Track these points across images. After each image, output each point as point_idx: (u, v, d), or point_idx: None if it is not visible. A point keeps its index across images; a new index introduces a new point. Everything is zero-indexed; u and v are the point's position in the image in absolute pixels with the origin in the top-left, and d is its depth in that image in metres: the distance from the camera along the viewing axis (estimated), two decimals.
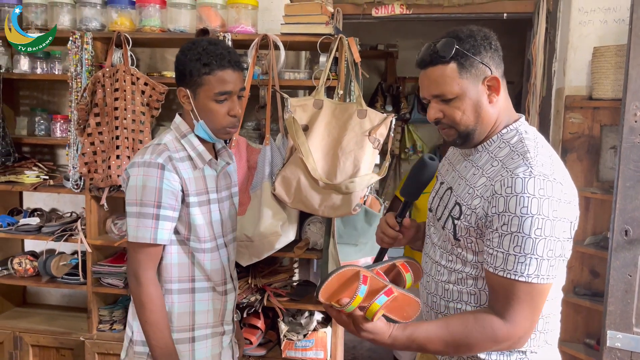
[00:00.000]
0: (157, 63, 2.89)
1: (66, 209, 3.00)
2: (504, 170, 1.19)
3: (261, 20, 2.60)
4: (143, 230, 1.47)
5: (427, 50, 1.26)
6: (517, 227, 1.12)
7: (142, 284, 1.49)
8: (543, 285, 1.15)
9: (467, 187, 1.27)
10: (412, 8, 2.75)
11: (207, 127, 1.54)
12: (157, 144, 1.54)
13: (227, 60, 1.49)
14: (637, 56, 1.97)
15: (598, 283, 2.46)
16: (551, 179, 1.14)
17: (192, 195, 1.53)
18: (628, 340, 2.00)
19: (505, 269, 1.14)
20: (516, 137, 1.26)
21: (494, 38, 1.27)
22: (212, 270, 1.60)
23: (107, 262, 2.68)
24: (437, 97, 1.25)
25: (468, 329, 1.17)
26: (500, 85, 1.24)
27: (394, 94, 4.91)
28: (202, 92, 1.50)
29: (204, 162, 1.57)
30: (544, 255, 1.12)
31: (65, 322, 2.78)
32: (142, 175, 1.47)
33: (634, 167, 1.98)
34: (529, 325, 1.17)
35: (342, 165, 2.13)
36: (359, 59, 2.30)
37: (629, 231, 1.99)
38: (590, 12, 2.47)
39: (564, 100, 2.53)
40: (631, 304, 2.00)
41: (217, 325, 1.65)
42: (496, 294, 1.18)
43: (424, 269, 1.41)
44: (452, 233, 1.27)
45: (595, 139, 2.49)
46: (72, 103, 2.53)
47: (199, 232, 1.55)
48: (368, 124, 2.15)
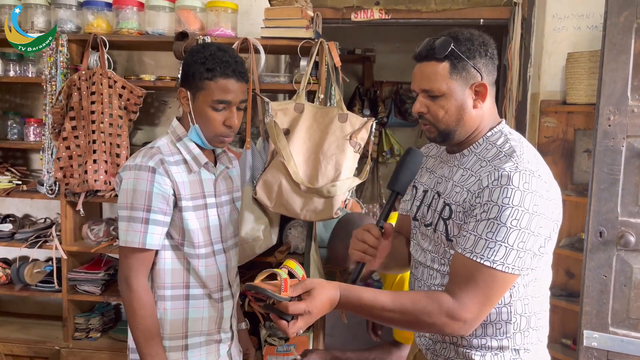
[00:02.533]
0: (135, 66, 2.84)
1: (40, 214, 2.93)
2: (491, 166, 1.22)
3: (241, 23, 2.59)
4: (132, 234, 1.46)
5: (426, 45, 1.28)
6: (495, 215, 1.15)
7: (133, 289, 1.47)
8: (505, 274, 1.16)
9: (455, 187, 1.29)
10: (391, 13, 2.77)
11: (200, 132, 1.52)
12: (150, 147, 1.53)
13: (232, 69, 1.46)
14: (610, 62, 2.02)
15: (573, 283, 2.51)
16: (536, 175, 1.18)
17: (186, 199, 1.51)
18: (604, 339, 2.05)
19: (473, 251, 1.16)
20: (502, 138, 1.29)
21: (492, 46, 1.29)
22: (207, 276, 1.57)
23: (83, 268, 2.63)
24: (425, 92, 1.28)
25: (417, 297, 1.19)
26: (488, 93, 1.27)
27: (371, 98, 4.93)
28: (202, 97, 1.48)
29: (199, 165, 1.55)
30: (514, 245, 1.14)
31: (40, 331, 2.72)
32: (133, 178, 1.46)
33: (608, 170, 2.03)
34: (477, 310, 1.16)
35: (323, 169, 2.13)
36: (339, 63, 2.31)
37: (604, 232, 2.04)
38: (564, 18, 2.53)
39: (539, 105, 2.58)
40: (607, 304, 2.04)
41: (212, 333, 1.61)
42: (456, 276, 1.19)
43: (414, 275, 1.41)
44: (444, 234, 1.28)
45: (569, 143, 2.55)
46: (47, 106, 2.48)
47: (192, 237, 1.53)
48: (349, 127, 2.16)
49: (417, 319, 1.17)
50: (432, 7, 2.76)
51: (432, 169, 1.44)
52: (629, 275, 2.00)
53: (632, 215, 2.00)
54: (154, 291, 1.54)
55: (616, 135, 2.01)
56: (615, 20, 2.01)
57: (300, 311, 1.11)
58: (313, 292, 1.13)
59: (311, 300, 1.12)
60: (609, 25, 2.02)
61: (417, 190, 1.46)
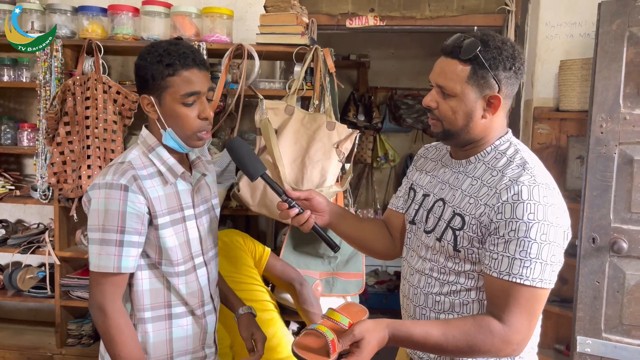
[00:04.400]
0: (129, 72, 2.84)
1: (33, 220, 2.91)
2: (506, 178, 1.21)
3: (236, 29, 2.60)
4: (106, 258, 1.33)
5: (455, 41, 1.25)
6: (524, 233, 1.14)
7: (110, 316, 1.35)
8: (544, 290, 1.17)
9: (467, 198, 1.27)
10: (386, 20, 2.79)
11: (176, 135, 1.40)
12: (120, 162, 1.39)
13: (192, 59, 1.36)
14: (602, 69, 2.05)
15: (567, 289, 2.53)
16: (551, 188, 1.19)
17: (162, 216, 1.40)
18: (597, 345, 2.06)
19: (510, 272, 1.16)
20: (511, 148, 1.28)
21: (520, 60, 1.25)
22: (188, 294, 1.47)
23: (77, 274, 2.61)
24: (440, 87, 1.26)
25: (467, 327, 1.18)
26: (501, 106, 1.24)
27: (366, 104, 4.95)
28: (168, 96, 1.36)
29: (175, 176, 1.44)
30: (547, 260, 1.15)
31: (33, 337, 2.70)
32: (104, 197, 1.33)
33: (601, 177, 2.05)
34: (527, 330, 1.17)
35: (309, 174, 2.13)
36: (333, 69, 2.32)
37: (596, 239, 2.05)
38: (556, 26, 2.55)
39: (532, 112, 2.60)
40: (600, 310, 2.06)
41: (197, 351, 1.52)
42: (496, 299, 1.19)
43: (409, 282, 1.40)
44: (452, 244, 1.26)
45: (562, 149, 2.57)
46: (41, 112, 2.47)
47: (170, 255, 1.42)
48: (336, 136, 2.17)
49: (472, 349, 1.17)
50: (426, 14, 2.78)
51: (432, 172, 1.42)
52: (621, 281, 2.02)
53: (625, 222, 2.02)
54: (134, 314, 1.43)
55: (608, 142, 2.03)
56: (608, 29, 2.03)
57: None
58: (362, 343, 1.13)
59: (359, 354, 1.12)
60: (601, 33, 2.05)
61: (416, 194, 1.44)
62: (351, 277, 2.23)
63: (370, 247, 1.58)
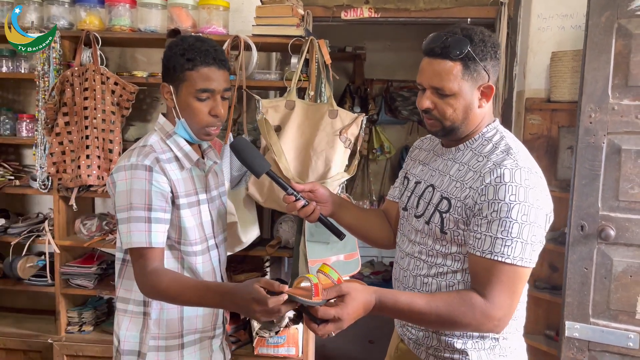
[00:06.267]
0: (127, 63, 2.87)
1: (32, 209, 2.95)
2: (490, 163, 1.27)
3: (232, 21, 2.62)
4: (137, 234, 1.41)
5: (438, 42, 1.28)
6: (505, 213, 1.20)
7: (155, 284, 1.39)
8: (524, 269, 1.22)
9: (453, 182, 1.32)
10: (381, 12, 2.82)
11: (187, 126, 1.49)
12: (142, 145, 1.48)
13: (212, 57, 1.44)
14: (592, 61, 2.08)
15: (557, 277, 2.58)
16: (533, 172, 1.24)
17: (182, 197, 1.49)
18: (585, 330, 2.11)
19: (492, 251, 1.21)
20: (497, 135, 1.34)
21: (500, 47, 1.33)
22: (204, 273, 1.55)
23: (76, 263, 2.66)
24: (435, 89, 1.29)
25: (450, 299, 1.23)
26: (492, 93, 1.31)
27: (361, 96, 4.98)
28: (185, 89, 1.46)
29: (191, 162, 1.53)
30: (528, 240, 1.20)
31: (33, 325, 2.74)
32: (130, 179, 1.42)
33: (589, 166, 2.09)
34: (508, 307, 1.22)
35: (314, 165, 2.18)
36: (329, 61, 2.35)
37: (585, 226, 2.10)
38: (548, 18, 2.59)
39: (524, 103, 2.64)
40: (588, 296, 2.11)
41: (207, 330, 1.60)
42: (479, 277, 1.24)
43: (400, 265, 1.45)
44: (439, 227, 1.32)
45: (553, 140, 2.61)
46: (40, 102, 2.50)
47: (189, 234, 1.50)
48: (339, 123, 2.20)
49: (454, 321, 1.22)
50: (420, 5, 2.82)
51: (425, 162, 1.48)
52: (609, 267, 2.07)
53: (612, 210, 2.06)
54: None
55: (597, 132, 2.08)
56: (597, 21, 2.07)
57: (329, 317, 1.15)
58: (346, 298, 1.17)
59: (342, 307, 1.16)
60: (590, 25, 2.09)
61: (409, 182, 1.50)
62: (349, 258, 2.30)
63: (371, 235, 1.64)
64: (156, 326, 1.51)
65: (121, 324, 1.54)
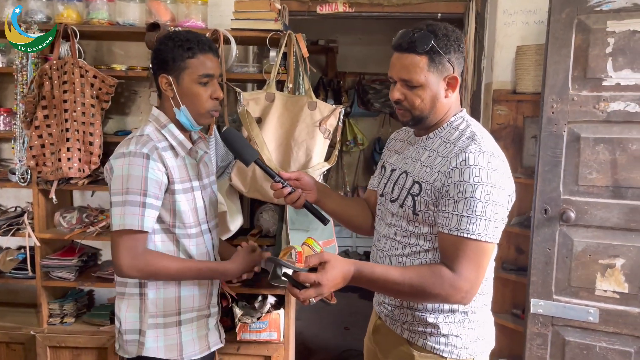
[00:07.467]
0: (104, 56, 2.88)
1: (9, 203, 2.94)
2: (456, 148, 1.38)
3: (211, 15, 2.67)
4: (130, 217, 1.49)
5: (405, 37, 1.39)
6: (470, 193, 1.31)
7: (141, 263, 1.51)
8: (488, 244, 1.33)
9: (424, 167, 1.44)
10: (355, 6, 2.91)
11: (189, 113, 1.60)
12: (139, 135, 1.58)
13: (208, 46, 1.59)
14: (553, 55, 2.22)
15: (523, 259, 2.73)
16: (496, 155, 1.35)
17: (177, 183, 1.58)
18: (549, 306, 2.26)
19: (459, 228, 1.32)
20: (463, 124, 1.45)
21: (463, 41, 1.43)
22: (198, 254, 1.65)
23: (57, 255, 2.67)
24: (404, 81, 1.40)
25: (422, 271, 1.34)
26: (457, 84, 1.42)
27: (334, 89, 5.07)
28: (187, 76, 1.57)
29: (185, 150, 1.63)
30: (490, 217, 1.31)
31: (15, 318, 2.74)
32: (128, 164, 1.51)
33: (551, 154, 2.23)
34: (474, 279, 1.33)
35: (295, 155, 2.26)
36: (307, 54, 2.43)
37: (548, 210, 2.25)
38: (513, 14, 2.72)
39: (492, 94, 2.77)
40: (551, 274, 2.25)
41: (202, 309, 1.71)
42: (448, 252, 1.35)
43: (377, 247, 1.56)
44: (411, 209, 1.43)
45: (519, 129, 2.75)
46: (18, 96, 2.50)
47: (184, 218, 1.60)
48: (318, 115, 2.29)
49: (424, 291, 1.32)
50: (393, 1, 2.91)
51: (400, 151, 1.59)
52: (570, 247, 2.22)
53: (573, 194, 2.21)
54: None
55: (559, 122, 2.22)
56: (558, 17, 2.20)
57: (309, 281, 1.25)
58: (326, 266, 1.26)
59: (323, 273, 1.25)
60: (552, 21, 2.22)
61: (386, 170, 1.61)
62: (327, 244, 2.39)
63: (354, 222, 1.75)
64: (154, 305, 1.61)
65: (121, 306, 1.63)
